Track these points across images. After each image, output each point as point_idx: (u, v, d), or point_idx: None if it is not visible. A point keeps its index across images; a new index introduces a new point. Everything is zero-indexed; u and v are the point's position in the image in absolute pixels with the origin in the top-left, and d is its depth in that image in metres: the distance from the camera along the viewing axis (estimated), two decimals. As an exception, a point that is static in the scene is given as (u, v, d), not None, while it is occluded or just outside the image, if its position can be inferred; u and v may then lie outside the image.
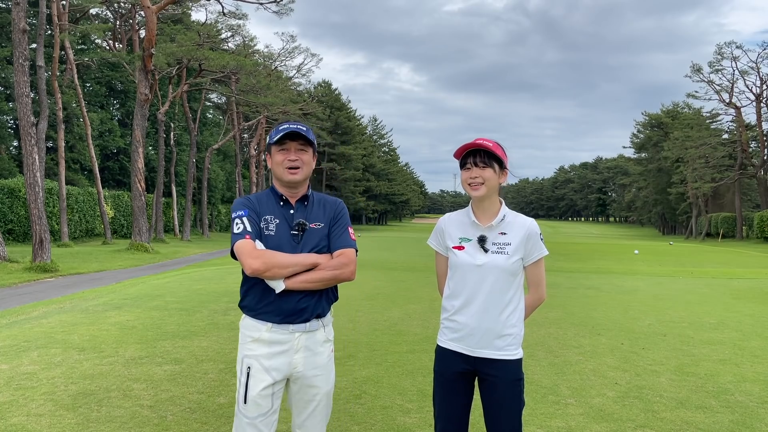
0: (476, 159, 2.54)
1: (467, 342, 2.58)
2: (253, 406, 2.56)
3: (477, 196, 2.57)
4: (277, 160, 2.62)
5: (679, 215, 70.79)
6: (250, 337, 2.61)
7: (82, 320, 7.54)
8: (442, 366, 2.66)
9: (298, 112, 48.03)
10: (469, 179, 2.56)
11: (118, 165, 45.36)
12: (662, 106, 76.01)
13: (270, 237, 2.57)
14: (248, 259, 2.47)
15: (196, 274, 13.70)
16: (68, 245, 26.24)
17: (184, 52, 31.43)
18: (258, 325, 2.59)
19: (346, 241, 2.66)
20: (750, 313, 9.11)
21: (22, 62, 16.17)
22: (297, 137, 2.61)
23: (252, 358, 2.58)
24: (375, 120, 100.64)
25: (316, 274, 2.55)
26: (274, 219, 2.61)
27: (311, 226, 2.64)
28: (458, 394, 2.63)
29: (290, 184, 2.63)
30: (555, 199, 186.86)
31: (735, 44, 57.49)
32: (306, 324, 2.59)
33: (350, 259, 2.62)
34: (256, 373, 2.56)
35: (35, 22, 32.75)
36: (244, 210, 2.59)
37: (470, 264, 2.57)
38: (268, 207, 2.64)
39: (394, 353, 6.08)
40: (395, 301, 9.72)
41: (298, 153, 2.62)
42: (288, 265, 2.50)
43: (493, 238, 2.58)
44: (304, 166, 2.62)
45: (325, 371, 2.67)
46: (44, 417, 4.07)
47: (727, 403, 4.66)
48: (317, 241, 2.63)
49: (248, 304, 2.64)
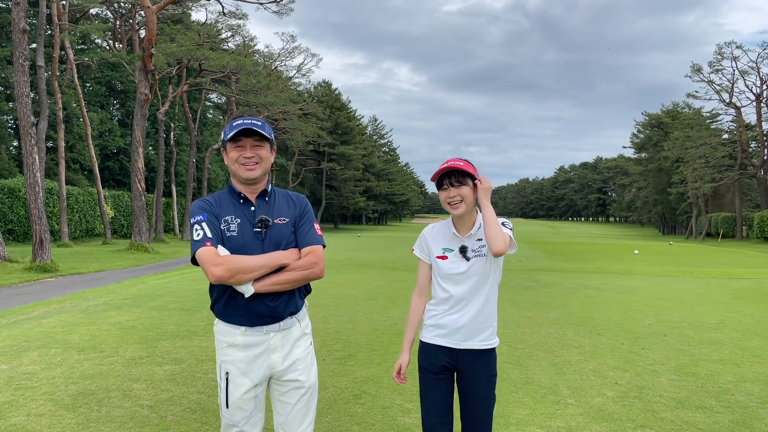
0: (451, 180, 2.74)
1: (452, 338, 2.79)
2: (235, 411, 2.53)
3: (458, 214, 2.78)
4: (232, 157, 2.51)
5: (679, 215, 70.77)
6: (225, 342, 2.54)
7: (82, 320, 7.54)
8: (426, 360, 2.84)
9: (298, 112, 48.04)
10: (448, 198, 2.76)
11: (118, 165, 45.37)
12: (662, 106, 75.96)
13: (233, 238, 2.48)
14: (210, 267, 2.38)
15: (196, 274, 13.70)
16: (68, 245, 26.24)
17: (184, 52, 31.42)
18: (231, 329, 2.52)
19: (314, 237, 2.58)
20: (750, 313, 9.11)
21: (22, 62, 16.18)
22: (252, 134, 2.49)
23: (229, 363, 2.53)
24: (375, 120, 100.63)
25: (285, 276, 2.47)
26: (234, 219, 2.51)
27: (275, 221, 2.55)
28: (442, 385, 2.81)
29: (248, 181, 2.53)
30: (555, 199, 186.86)
31: (735, 44, 57.64)
32: (280, 323, 2.54)
33: (319, 258, 2.55)
34: (234, 378, 2.51)
35: (35, 22, 32.75)
36: (202, 215, 2.49)
37: (454, 272, 2.79)
38: (227, 207, 2.54)
39: (394, 353, 6.07)
40: (395, 301, 9.71)
41: (255, 149, 2.51)
42: (252, 269, 2.41)
43: (472, 246, 2.79)
44: (261, 161, 2.52)
45: (304, 364, 2.61)
46: (44, 417, 4.07)
47: (727, 403, 4.66)
48: (282, 237, 2.53)
49: (219, 310, 2.56)
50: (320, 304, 9.06)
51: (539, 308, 9.25)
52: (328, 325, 7.52)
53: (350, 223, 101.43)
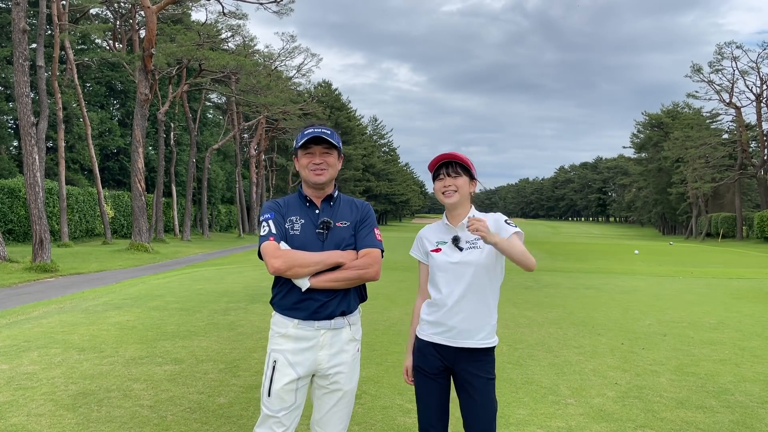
0: (449, 170, 2.74)
1: (449, 335, 2.73)
2: (276, 400, 2.63)
3: (450, 203, 2.76)
4: (303, 164, 2.73)
5: (679, 215, 70.78)
6: (278, 333, 2.70)
7: (82, 320, 7.54)
8: (421, 360, 2.80)
9: (298, 112, 48.01)
10: (443, 188, 2.76)
11: (118, 165, 45.35)
12: (662, 106, 75.99)
13: (295, 236, 2.67)
14: (270, 258, 2.58)
15: (196, 274, 13.70)
16: (68, 245, 26.24)
17: (184, 52, 31.41)
18: (285, 321, 2.68)
19: (372, 241, 2.75)
20: (750, 313, 9.11)
21: (22, 62, 16.18)
22: (321, 141, 2.69)
23: (278, 352, 2.67)
24: (375, 120, 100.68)
25: (340, 274, 2.63)
26: (299, 219, 2.70)
27: (337, 224, 2.72)
28: (437, 386, 2.77)
29: (316, 185, 2.72)
30: (555, 199, 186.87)
31: (735, 44, 57.46)
32: (331, 321, 2.66)
33: (375, 260, 2.70)
34: (281, 367, 2.65)
35: (35, 22, 32.76)
36: (270, 213, 2.70)
37: (446, 262, 2.74)
38: (293, 209, 2.74)
39: (394, 353, 6.07)
40: (395, 301, 9.71)
41: (323, 156, 2.71)
42: (309, 264, 2.58)
43: (465, 237, 2.75)
44: (329, 168, 2.71)
45: (348, 369, 2.72)
46: (44, 417, 4.07)
47: (727, 403, 4.66)
48: (342, 239, 2.70)
49: (277, 301, 2.73)
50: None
51: (539, 308, 9.25)
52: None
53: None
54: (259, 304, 8.94)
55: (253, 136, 53.23)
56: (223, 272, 13.81)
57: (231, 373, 5.25)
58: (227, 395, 4.63)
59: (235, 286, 11.25)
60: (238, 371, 5.31)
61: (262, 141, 52.87)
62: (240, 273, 13.60)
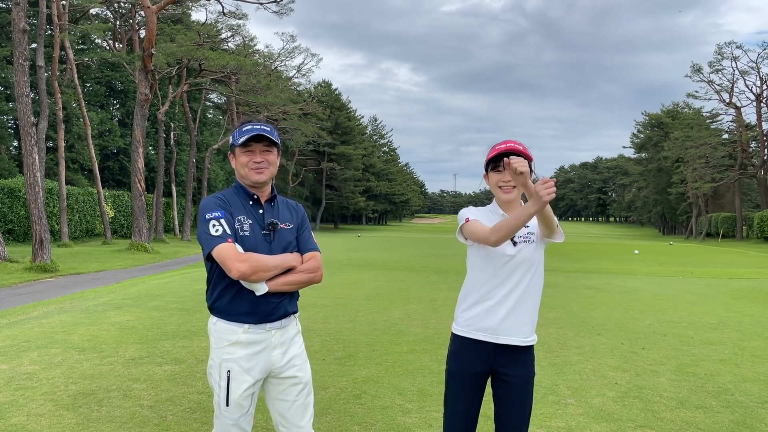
0: None
1: (490, 331, 2.59)
2: (235, 408, 2.60)
3: (508, 199, 2.60)
4: (242, 162, 2.63)
5: (679, 215, 70.75)
6: (226, 341, 2.59)
7: (82, 320, 7.54)
8: (458, 365, 2.65)
9: (298, 112, 48.00)
10: (501, 182, 2.58)
11: (118, 165, 45.35)
12: (662, 106, 75.94)
13: (246, 238, 2.57)
14: (235, 263, 2.45)
15: (196, 274, 13.70)
16: (68, 245, 26.23)
17: (184, 52, 31.41)
18: (233, 327, 2.59)
19: (314, 244, 2.77)
20: (750, 313, 9.11)
21: (22, 62, 16.17)
22: (262, 139, 2.61)
23: (231, 361, 2.59)
24: (375, 120, 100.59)
25: (293, 277, 2.62)
26: (246, 219, 2.61)
27: (281, 226, 2.68)
28: (475, 390, 2.65)
29: (256, 184, 2.65)
30: (555, 199, 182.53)
31: (735, 44, 57.43)
32: (281, 321, 2.66)
33: (320, 263, 2.73)
34: (236, 375, 2.58)
35: (35, 22, 32.74)
36: (219, 211, 2.56)
37: (502, 254, 2.58)
38: (237, 207, 2.63)
39: (394, 353, 6.07)
40: (395, 301, 9.71)
41: (264, 154, 2.63)
42: (271, 268, 2.54)
43: (520, 230, 2.57)
44: (270, 166, 2.65)
45: (301, 361, 2.73)
46: (44, 417, 4.07)
47: (727, 403, 4.66)
48: (288, 242, 2.68)
49: (221, 307, 2.62)
50: (320, 304, 9.06)
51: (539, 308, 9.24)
52: (328, 325, 7.52)
53: (350, 223, 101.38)
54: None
55: (253, 136, 53.12)
56: (223, 272, 13.75)
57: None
58: (227, 395, 4.62)
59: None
60: (238, 371, 5.31)
61: (262, 141, 52.75)
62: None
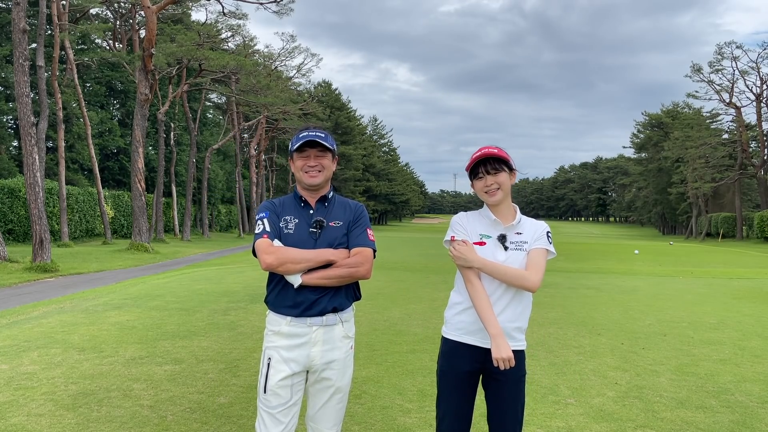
0: (487, 167, 2.66)
1: (480, 335, 2.65)
2: (272, 396, 2.68)
3: (495, 201, 2.68)
4: (297, 166, 2.78)
5: (679, 215, 70.77)
6: (271, 330, 2.76)
7: (82, 320, 7.54)
8: (448, 364, 2.72)
9: (298, 112, 48.00)
10: (485, 187, 2.67)
11: (118, 165, 45.34)
12: (662, 106, 75.98)
13: (289, 235, 2.73)
14: (263, 255, 2.65)
15: (196, 274, 13.70)
16: (68, 245, 26.24)
17: (184, 52, 31.41)
18: (278, 318, 2.73)
19: (365, 240, 2.79)
20: (750, 313, 9.11)
21: (22, 62, 16.17)
22: (316, 144, 2.75)
23: (272, 349, 2.73)
24: (375, 120, 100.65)
25: (332, 271, 2.68)
26: (293, 219, 2.77)
27: (330, 224, 2.77)
28: (467, 389, 2.71)
29: (310, 186, 2.78)
30: (555, 199, 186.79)
31: (735, 44, 57.54)
32: (322, 318, 2.70)
33: (366, 258, 2.74)
34: (275, 363, 2.70)
35: (35, 22, 32.73)
36: (265, 212, 2.78)
37: (493, 260, 2.65)
38: (288, 209, 2.81)
39: (394, 353, 6.07)
40: (395, 301, 9.71)
41: (318, 159, 2.77)
42: (300, 261, 2.64)
43: (511, 237, 2.69)
44: (324, 170, 2.77)
45: (340, 366, 2.76)
46: (44, 417, 4.07)
47: (727, 403, 4.66)
48: (334, 238, 2.76)
49: (270, 299, 2.79)
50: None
51: (539, 308, 9.24)
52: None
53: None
54: (259, 305, 8.93)
55: (253, 136, 53.21)
56: (223, 272, 13.80)
57: (231, 373, 5.25)
58: (227, 395, 4.63)
59: (235, 286, 11.25)
60: (238, 371, 5.31)
61: (262, 141, 52.84)
62: (240, 273, 13.59)
